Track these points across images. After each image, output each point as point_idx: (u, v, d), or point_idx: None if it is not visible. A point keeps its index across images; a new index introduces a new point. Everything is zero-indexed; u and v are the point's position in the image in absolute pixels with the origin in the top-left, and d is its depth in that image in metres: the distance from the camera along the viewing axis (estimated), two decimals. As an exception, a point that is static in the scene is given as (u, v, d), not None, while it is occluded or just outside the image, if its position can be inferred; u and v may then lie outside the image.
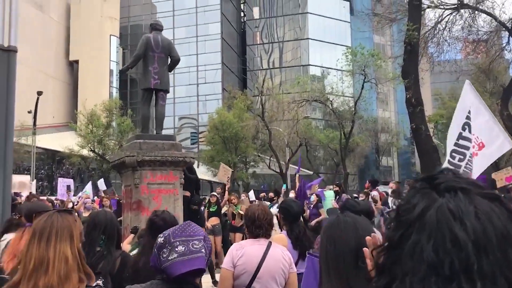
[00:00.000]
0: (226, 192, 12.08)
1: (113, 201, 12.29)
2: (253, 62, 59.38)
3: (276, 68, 57.42)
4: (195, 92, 53.68)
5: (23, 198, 12.35)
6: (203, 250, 1.97)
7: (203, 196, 30.30)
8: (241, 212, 11.37)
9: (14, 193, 10.53)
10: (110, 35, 51.71)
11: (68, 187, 16.37)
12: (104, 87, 50.30)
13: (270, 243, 3.57)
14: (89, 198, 11.75)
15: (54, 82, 48.05)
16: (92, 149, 32.38)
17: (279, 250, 3.57)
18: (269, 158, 35.65)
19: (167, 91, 7.89)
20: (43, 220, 2.12)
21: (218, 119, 36.13)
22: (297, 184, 11.94)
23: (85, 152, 32.99)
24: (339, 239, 1.85)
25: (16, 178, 15.40)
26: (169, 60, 7.87)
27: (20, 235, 3.37)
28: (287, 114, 29.81)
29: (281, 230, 4.64)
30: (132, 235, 6.52)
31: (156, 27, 7.85)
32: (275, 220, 6.63)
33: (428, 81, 19.79)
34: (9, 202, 7.05)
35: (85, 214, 10.88)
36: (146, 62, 7.59)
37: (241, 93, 37.75)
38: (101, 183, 17.73)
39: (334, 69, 35.41)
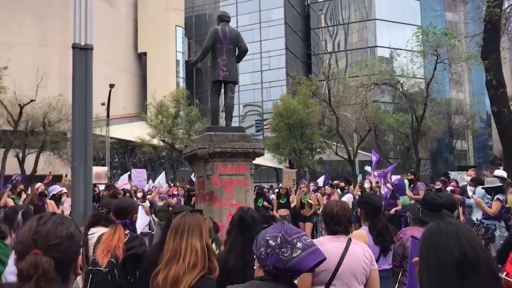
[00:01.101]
0: (293, 196, 11.91)
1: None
2: (318, 46, 58.41)
3: (342, 51, 56.14)
4: (259, 79, 53.77)
5: (101, 188, 12.97)
6: (314, 243, 2.06)
7: (270, 184, 30.46)
8: (310, 201, 11.28)
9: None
10: (176, 25, 52.83)
11: (129, 176, 16.81)
12: (171, 78, 51.68)
13: (350, 240, 3.48)
14: (162, 188, 12.13)
15: (125, 74, 49.97)
16: (162, 138, 33.44)
17: (359, 247, 3.47)
18: (336, 144, 35.14)
19: (235, 83, 7.89)
20: (179, 218, 2.51)
21: (282, 106, 36.01)
22: (372, 175, 11.65)
23: (155, 141, 34.16)
24: (440, 248, 1.71)
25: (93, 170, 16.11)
26: (237, 51, 7.85)
27: (112, 231, 3.49)
28: (354, 99, 29.08)
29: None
30: (205, 226, 6.66)
31: (224, 19, 7.83)
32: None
33: (508, 58, 18.32)
34: (91, 194, 7.43)
35: (160, 203, 11.30)
36: (215, 54, 7.62)
37: (306, 78, 37.30)
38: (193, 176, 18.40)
39: (404, 49, 33.96)
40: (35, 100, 26.90)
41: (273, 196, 12.88)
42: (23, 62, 31.28)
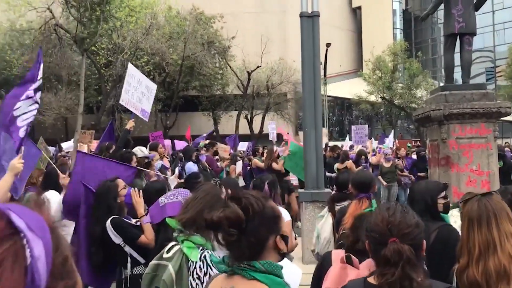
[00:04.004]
0: None
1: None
2: None
3: None
4: (490, 21, 47.39)
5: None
6: None
7: (505, 141, 27.12)
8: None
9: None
10: (391, -27, 50.05)
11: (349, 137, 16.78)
12: (387, 29, 49.45)
13: None
14: (388, 150, 11.85)
15: (339, 31, 49.74)
16: (381, 95, 32.51)
17: None
18: None
19: (473, 34, 6.98)
20: (475, 206, 2.30)
21: (521, 50, 31.36)
22: None
23: (373, 98, 33.46)
24: None
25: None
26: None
27: (358, 205, 3.52)
28: None
29: None
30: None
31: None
32: None
33: None
34: (322, 157, 7.69)
35: (386, 165, 11.05)
36: (449, 5, 6.88)
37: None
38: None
39: None
40: (260, 66, 29.02)
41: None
42: (247, 30, 33.83)
